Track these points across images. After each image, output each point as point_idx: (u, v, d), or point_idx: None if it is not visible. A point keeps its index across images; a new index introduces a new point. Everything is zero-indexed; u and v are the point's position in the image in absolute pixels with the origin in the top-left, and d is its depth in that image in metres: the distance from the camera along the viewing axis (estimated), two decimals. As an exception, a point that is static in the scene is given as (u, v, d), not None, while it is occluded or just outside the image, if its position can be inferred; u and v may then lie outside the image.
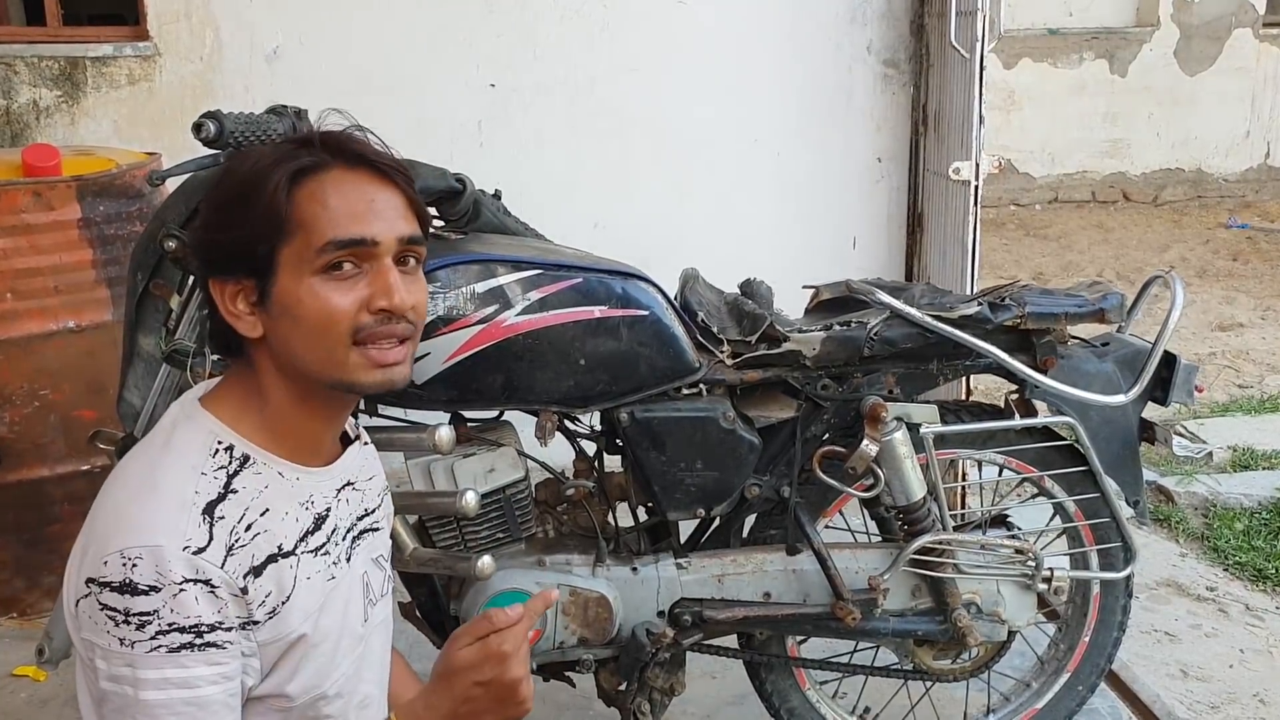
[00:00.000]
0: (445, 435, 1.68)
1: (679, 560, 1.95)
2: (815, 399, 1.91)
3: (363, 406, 1.71)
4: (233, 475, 1.08)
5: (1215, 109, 9.20)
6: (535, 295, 1.74)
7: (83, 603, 1.00)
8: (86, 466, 2.75)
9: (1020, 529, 2.05)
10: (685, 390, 1.87)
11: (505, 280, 1.73)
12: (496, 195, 1.90)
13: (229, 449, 1.09)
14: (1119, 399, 1.91)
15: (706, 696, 2.44)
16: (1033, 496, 2.21)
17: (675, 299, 1.93)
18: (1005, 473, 2.05)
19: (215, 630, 1.01)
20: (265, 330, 1.09)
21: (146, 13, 3.24)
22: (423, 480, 1.82)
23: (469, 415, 1.90)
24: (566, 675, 2.03)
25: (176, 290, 1.73)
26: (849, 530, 2.11)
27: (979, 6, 2.85)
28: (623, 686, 1.96)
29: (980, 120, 2.91)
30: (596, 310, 1.77)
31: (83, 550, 1.03)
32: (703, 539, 2.05)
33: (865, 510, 2.09)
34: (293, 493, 1.13)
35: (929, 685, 2.20)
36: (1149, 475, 3.35)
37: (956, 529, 1.98)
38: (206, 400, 1.13)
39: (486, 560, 1.75)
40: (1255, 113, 9.31)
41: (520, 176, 2.67)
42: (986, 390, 3.46)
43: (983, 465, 2.11)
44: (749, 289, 2.05)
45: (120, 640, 0.98)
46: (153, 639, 0.98)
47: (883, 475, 1.89)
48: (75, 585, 1.02)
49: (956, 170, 2.97)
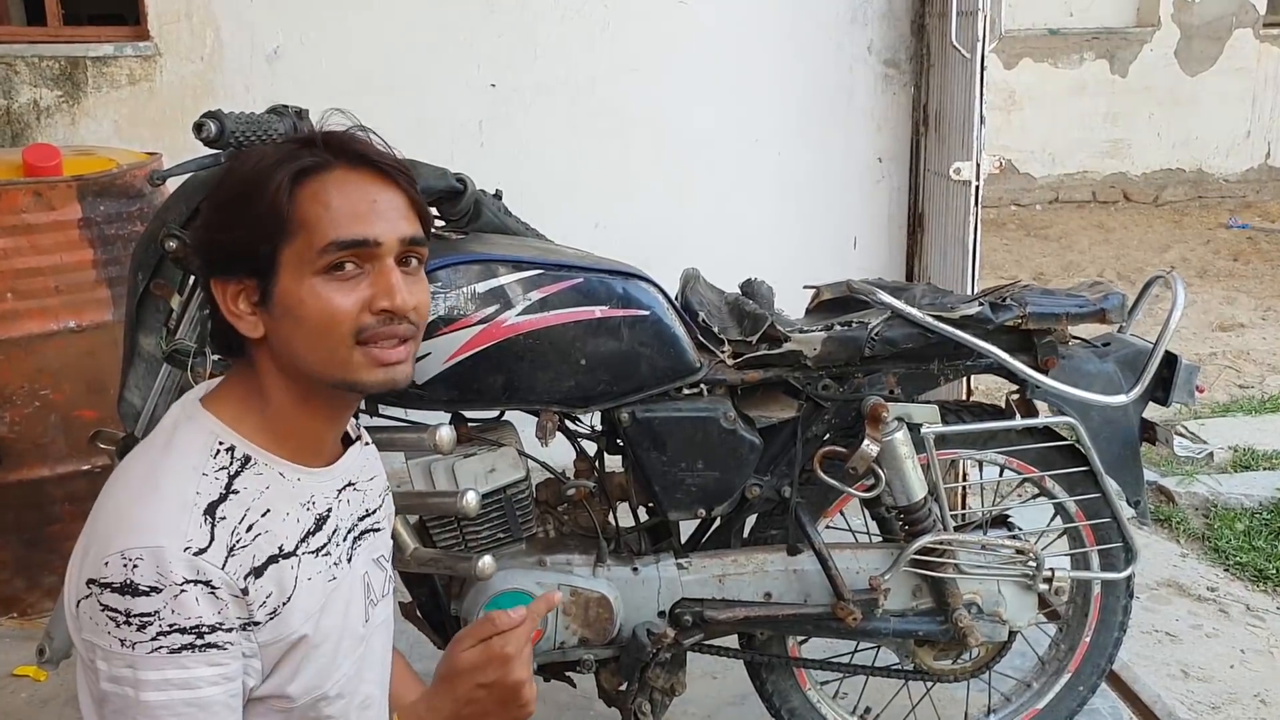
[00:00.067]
0: (446, 435, 1.68)
1: (680, 560, 1.95)
2: (816, 399, 1.91)
3: (363, 406, 1.70)
4: (234, 476, 1.08)
5: (1216, 109, 9.20)
6: (536, 295, 1.74)
7: (84, 603, 1.00)
8: (87, 466, 2.75)
9: (1021, 529, 2.05)
10: (686, 390, 1.87)
11: (506, 280, 1.73)
12: (497, 195, 1.90)
13: (230, 450, 1.09)
14: (1120, 399, 1.91)
15: (707, 697, 2.44)
16: (1034, 497, 2.21)
17: (676, 299, 1.93)
18: (1006, 473, 2.05)
19: (216, 631, 1.01)
20: (267, 330, 1.09)
21: (147, 13, 3.23)
22: (423, 480, 1.82)
23: (470, 415, 1.90)
24: (567, 675, 2.03)
25: (177, 290, 1.73)
26: (850, 530, 2.10)
27: (980, 6, 2.85)
28: (623, 687, 1.96)
29: (981, 120, 2.90)
30: (597, 310, 1.77)
31: (84, 551, 1.03)
32: (703, 539, 2.05)
33: (866, 510, 2.09)
34: (294, 493, 1.13)
35: (930, 685, 2.20)
36: (1150, 475, 3.34)
37: (957, 529, 1.98)
38: (208, 401, 1.13)
39: (487, 560, 1.74)
40: (1256, 113, 9.31)
41: (521, 176, 2.67)
42: (987, 390, 3.47)
43: (983, 465, 2.11)
44: (750, 289, 2.05)
45: (121, 641, 0.98)
46: (154, 640, 0.98)
47: (884, 475, 1.89)
48: (76, 586, 1.02)
49: (957, 170, 2.97)
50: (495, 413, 1.91)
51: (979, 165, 2.93)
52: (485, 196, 1.85)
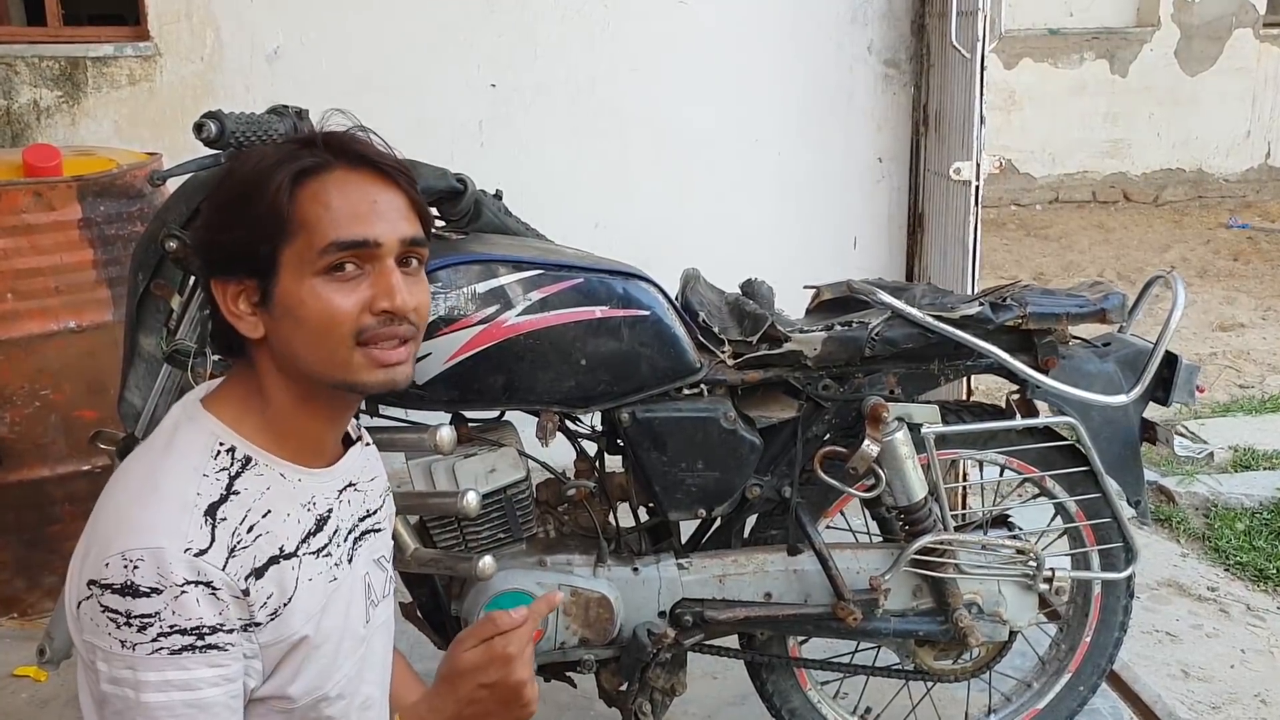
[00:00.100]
0: (446, 435, 1.68)
1: (680, 560, 1.95)
2: (816, 399, 1.91)
3: (364, 407, 1.70)
4: (234, 477, 1.08)
5: (1216, 109, 9.20)
6: (536, 295, 1.74)
7: (84, 605, 1.00)
8: (87, 467, 2.75)
9: (1021, 529, 2.05)
10: (686, 390, 1.87)
11: (506, 280, 1.73)
12: (497, 195, 1.90)
13: (231, 450, 1.09)
14: (1120, 399, 1.91)
15: (708, 697, 2.44)
16: (1034, 497, 2.21)
17: (676, 299, 1.93)
18: (1006, 473, 2.05)
19: (217, 632, 1.01)
20: (267, 331, 1.09)
21: (147, 13, 3.23)
22: (424, 480, 1.82)
23: (470, 415, 1.90)
24: (567, 675, 2.03)
25: (178, 290, 1.73)
26: (850, 530, 2.10)
27: (980, 6, 2.85)
28: (624, 687, 1.96)
29: (981, 120, 2.90)
30: (598, 310, 1.77)
31: (84, 552, 1.03)
32: (704, 539, 2.05)
33: (866, 510, 2.09)
34: (295, 494, 1.12)
35: (930, 685, 2.20)
36: (1150, 475, 3.34)
37: (958, 529, 1.98)
38: (208, 401, 1.13)
39: (488, 561, 1.75)
40: (1256, 113, 9.31)
41: (521, 176, 2.67)
42: (988, 390, 3.47)
43: (984, 465, 2.11)
44: (750, 289, 2.05)
45: (122, 642, 0.98)
46: (154, 641, 0.98)
47: (884, 475, 1.89)
48: (77, 587, 1.02)
49: (957, 170, 2.97)
50: (495, 413, 1.91)
51: (979, 165, 2.93)
52: (485, 197, 1.85)
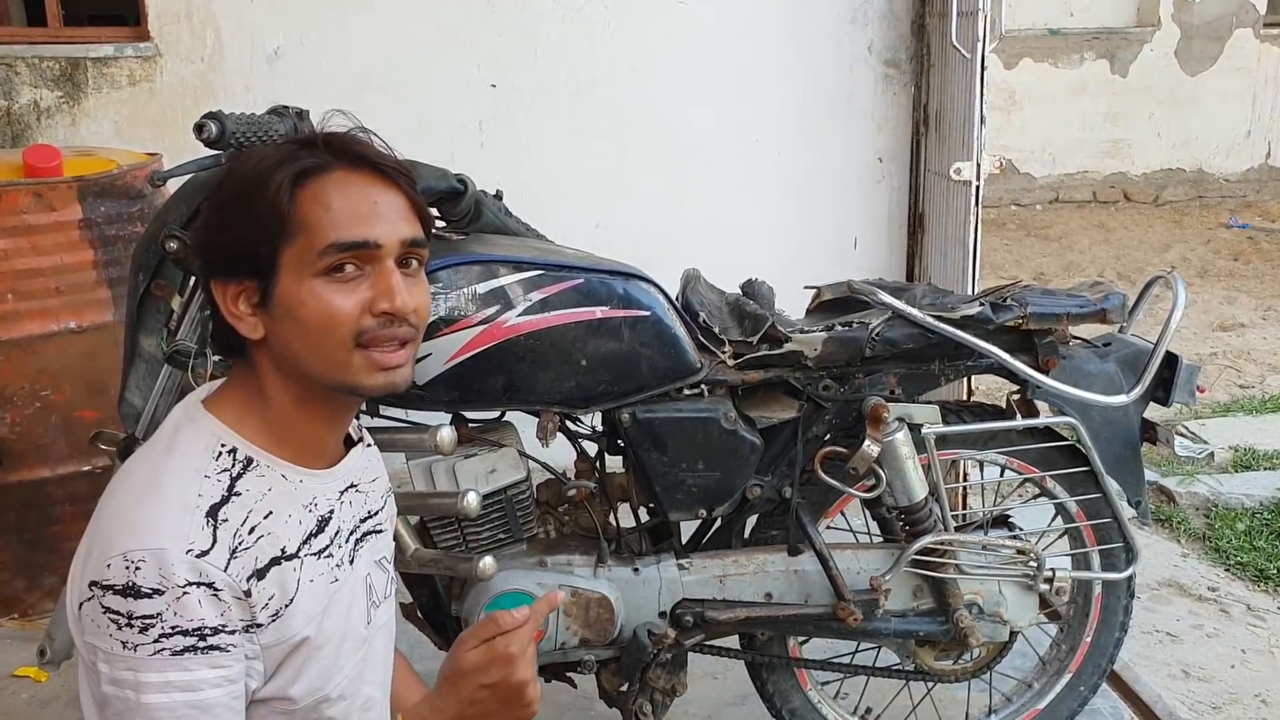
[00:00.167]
0: (447, 436, 1.68)
1: (680, 561, 1.95)
2: (817, 399, 1.91)
3: (364, 407, 1.70)
4: (236, 478, 1.08)
5: (1216, 109, 9.20)
6: (537, 296, 1.74)
7: (85, 606, 1.00)
8: (87, 467, 2.75)
9: (1022, 529, 2.05)
10: (687, 391, 1.87)
11: (507, 281, 1.73)
12: (498, 196, 1.90)
13: (232, 452, 1.09)
14: (1121, 399, 1.91)
15: (708, 697, 2.44)
16: (1034, 497, 2.22)
17: (676, 299, 1.93)
18: (1007, 473, 2.05)
19: (218, 633, 1.01)
20: (267, 332, 1.09)
21: (147, 13, 3.23)
22: (424, 481, 1.82)
23: (470, 416, 1.90)
24: (568, 676, 2.04)
25: (178, 291, 1.73)
26: (850, 531, 2.10)
27: (980, 7, 2.85)
28: (624, 687, 1.96)
29: (981, 120, 2.90)
30: (598, 311, 1.77)
31: (86, 553, 1.03)
32: (704, 539, 2.05)
33: (867, 511, 2.09)
34: (296, 495, 1.12)
35: (930, 686, 2.20)
36: (1150, 475, 3.34)
37: (958, 529, 1.98)
38: (209, 402, 1.13)
39: (488, 561, 1.75)
40: (1256, 113, 9.30)
41: (521, 177, 2.67)
42: (988, 391, 3.47)
43: (984, 465, 2.11)
44: (750, 289, 2.05)
45: (123, 643, 0.98)
46: (156, 642, 0.98)
47: (884, 476, 1.89)
48: (78, 588, 1.01)
49: (957, 170, 2.97)
50: (496, 413, 1.91)
51: (979, 165, 2.93)
52: (486, 197, 1.85)
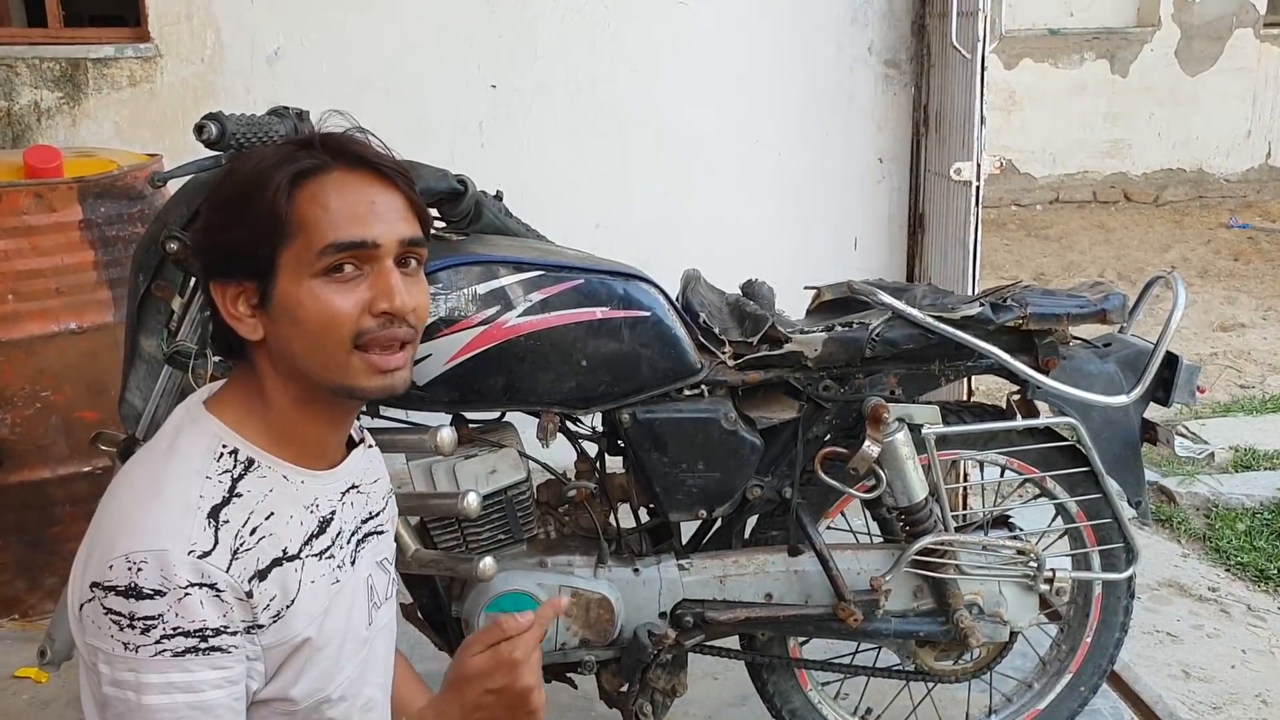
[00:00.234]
0: (447, 436, 1.68)
1: (681, 561, 1.95)
2: (817, 400, 1.91)
3: (364, 408, 1.70)
4: (237, 479, 1.07)
5: (1216, 109, 9.19)
6: (537, 296, 1.74)
7: (86, 607, 1.00)
8: (88, 468, 2.75)
9: (1022, 530, 2.05)
10: (687, 391, 1.87)
11: (507, 281, 1.73)
12: (498, 196, 1.90)
13: (233, 453, 1.09)
14: (1121, 399, 1.91)
15: (708, 697, 2.44)
16: (1035, 497, 2.22)
17: (677, 300, 1.93)
18: (1007, 473, 2.05)
19: (220, 634, 1.01)
20: (266, 333, 1.09)
21: (147, 14, 3.23)
22: (424, 482, 1.82)
23: (471, 416, 1.90)
24: (568, 676, 2.04)
25: (178, 292, 1.73)
26: (851, 531, 2.10)
27: (980, 7, 2.85)
28: (624, 688, 1.96)
29: (981, 121, 2.90)
30: (598, 311, 1.77)
31: (87, 554, 1.03)
32: (704, 540, 2.05)
33: (867, 511, 2.09)
34: (297, 496, 1.12)
35: (931, 686, 2.20)
36: (1151, 476, 3.34)
37: (958, 530, 1.98)
38: (211, 403, 1.13)
39: (488, 562, 1.75)
40: (1256, 113, 9.30)
41: (521, 177, 2.67)
42: (988, 391, 3.47)
43: (984, 466, 2.11)
44: (750, 290, 2.05)
45: (124, 644, 0.98)
46: (157, 643, 0.98)
47: (884, 476, 1.89)
48: (79, 589, 1.01)
49: (958, 171, 2.97)
50: (496, 414, 1.91)
51: (979, 165, 2.93)
52: (486, 197, 1.85)
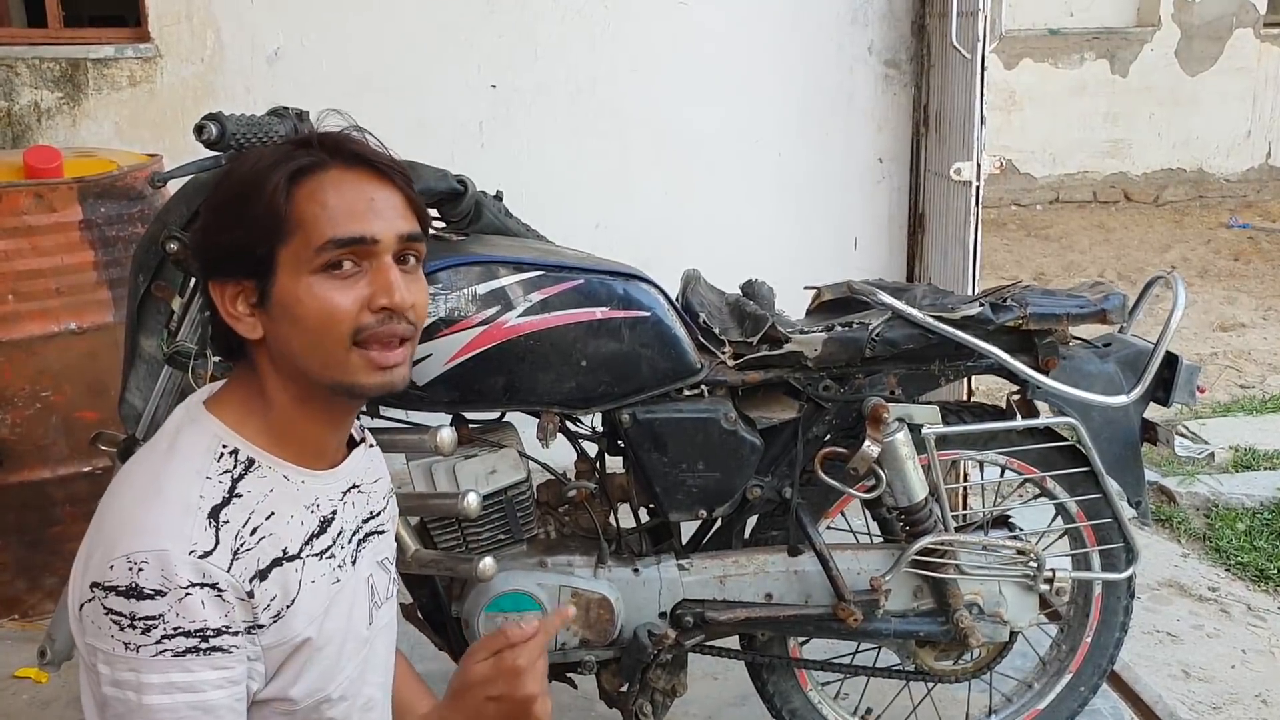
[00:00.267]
0: (447, 437, 1.68)
1: (681, 561, 1.95)
2: (817, 400, 1.91)
3: (364, 408, 1.70)
4: (238, 479, 1.07)
5: (1216, 109, 9.19)
6: (537, 296, 1.74)
7: (87, 607, 1.00)
8: (88, 468, 2.75)
9: (1022, 530, 2.05)
10: (687, 391, 1.87)
11: (507, 281, 1.73)
12: (498, 196, 1.90)
13: (234, 453, 1.09)
14: (1121, 399, 1.91)
15: (708, 697, 2.44)
16: (1035, 497, 2.22)
17: (677, 300, 1.93)
18: (1007, 473, 2.05)
19: (221, 635, 1.01)
20: (265, 332, 1.09)
21: (147, 14, 3.24)
22: (424, 482, 1.82)
23: (470, 416, 1.90)
24: (568, 677, 2.03)
25: (178, 292, 1.73)
26: (851, 531, 2.10)
27: (980, 7, 2.85)
28: (624, 688, 1.96)
29: (981, 121, 2.90)
30: (598, 311, 1.77)
31: (88, 554, 1.03)
32: (704, 540, 2.05)
33: (867, 511, 2.09)
34: (298, 496, 1.12)
35: (931, 686, 2.20)
36: (1151, 476, 3.34)
37: (958, 530, 1.98)
38: (211, 403, 1.13)
39: (488, 562, 1.75)
40: (1256, 113, 9.30)
41: (521, 177, 2.67)
42: (988, 391, 3.47)
43: (984, 466, 2.11)
44: (750, 290, 2.05)
45: (125, 645, 0.98)
46: (158, 643, 0.98)
47: (884, 476, 1.89)
48: (80, 589, 1.01)
49: (958, 171, 2.97)
50: (496, 414, 1.91)
51: (979, 165, 2.93)
52: (486, 198, 1.85)
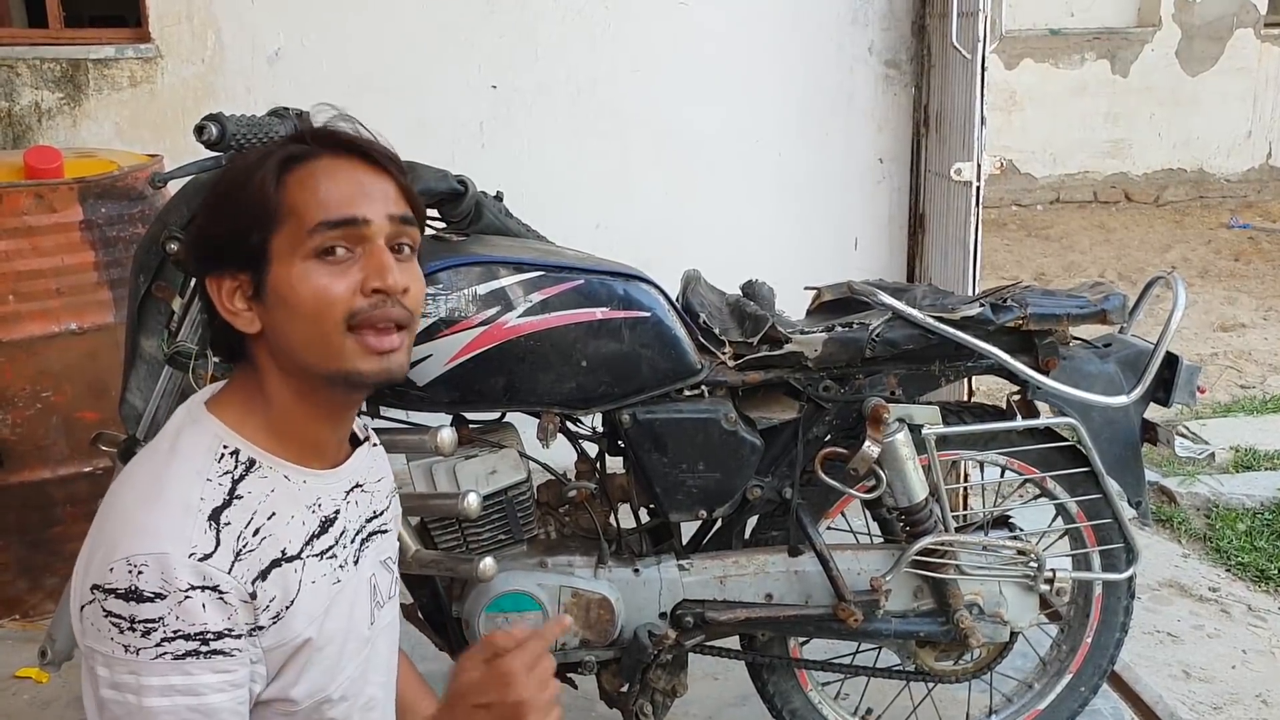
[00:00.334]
0: (447, 437, 1.68)
1: (681, 562, 1.95)
2: (817, 400, 1.91)
3: (365, 408, 1.71)
4: (238, 480, 1.07)
5: (1217, 109, 9.20)
6: (537, 297, 1.74)
7: (87, 609, 1.00)
8: (88, 468, 2.76)
9: (1022, 530, 2.05)
10: (687, 392, 1.87)
11: (507, 282, 1.73)
12: (498, 197, 1.90)
13: (235, 453, 1.09)
14: (1121, 400, 1.91)
15: (709, 698, 2.44)
16: (1035, 497, 2.22)
17: (677, 300, 1.93)
18: (1007, 474, 2.05)
19: (223, 638, 1.01)
20: (263, 324, 1.09)
21: (148, 14, 3.24)
22: (425, 482, 1.82)
23: (471, 417, 1.90)
24: (568, 677, 2.03)
25: (179, 293, 1.73)
26: (851, 531, 2.11)
27: (981, 7, 2.85)
28: (625, 688, 1.96)
29: (982, 121, 2.90)
30: (598, 312, 1.77)
31: (88, 556, 1.02)
32: (705, 540, 2.05)
33: (867, 511, 2.09)
34: (300, 496, 1.12)
35: (931, 686, 2.20)
36: (1151, 476, 3.34)
37: (959, 530, 1.98)
38: (212, 404, 1.13)
39: (488, 562, 1.75)
40: (1257, 113, 9.30)
41: (522, 178, 2.67)
42: (988, 391, 3.47)
43: (985, 466, 2.11)
44: (751, 290, 2.05)
45: (125, 647, 0.98)
46: (158, 646, 0.98)
47: (885, 476, 1.89)
48: (80, 591, 1.01)
49: (958, 171, 2.97)
50: (496, 414, 1.92)
51: (980, 166, 2.93)
52: (486, 198, 1.85)
